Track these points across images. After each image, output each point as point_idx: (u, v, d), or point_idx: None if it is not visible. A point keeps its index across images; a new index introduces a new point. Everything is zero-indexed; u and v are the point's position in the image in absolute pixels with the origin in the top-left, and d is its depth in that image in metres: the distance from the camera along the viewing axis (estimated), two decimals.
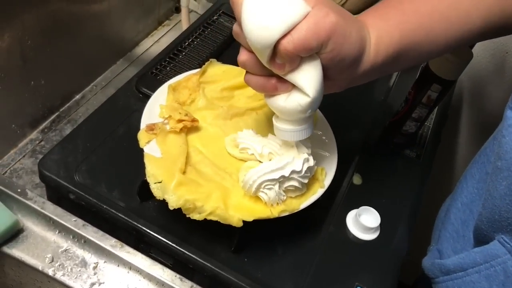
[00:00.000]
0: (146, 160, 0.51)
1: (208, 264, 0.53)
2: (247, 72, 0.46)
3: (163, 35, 1.04)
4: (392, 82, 0.83)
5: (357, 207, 0.61)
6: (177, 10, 1.05)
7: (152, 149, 0.53)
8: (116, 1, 0.88)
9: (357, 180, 0.66)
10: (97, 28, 0.87)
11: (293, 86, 0.44)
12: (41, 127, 0.82)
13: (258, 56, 0.42)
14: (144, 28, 1.01)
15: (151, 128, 0.54)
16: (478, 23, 0.48)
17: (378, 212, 0.60)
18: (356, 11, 0.75)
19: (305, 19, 0.39)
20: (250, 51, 0.43)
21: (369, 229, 0.59)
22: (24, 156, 0.78)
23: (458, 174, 1.14)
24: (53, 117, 0.84)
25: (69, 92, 0.87)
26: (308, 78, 0.42)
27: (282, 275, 0.54)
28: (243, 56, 0.44)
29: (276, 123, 0.49)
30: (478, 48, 0.96)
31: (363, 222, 0.59)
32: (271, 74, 0.44)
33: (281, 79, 0.44)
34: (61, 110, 0.85)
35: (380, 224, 0.60)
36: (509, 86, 0.97)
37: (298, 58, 0.41)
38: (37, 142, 0.80)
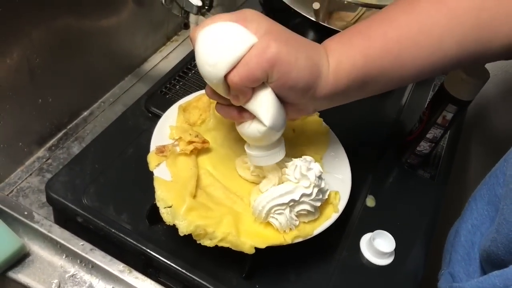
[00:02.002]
0: (156, 184, 0.50)
1: None
2: (216, 102, 0.49)
3: (171, 51, 1.03)
4: (404, 100, 0.81)
5: (371, 231, 0.59)
6: (186, 26, 1.04)
7: (162, 172, 0.52)
8: (125, 17, 0.87)
9: (370, 202, 0.64)
10: (105, 44, 0.86)
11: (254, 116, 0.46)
12: (48, 145, 0.81)
13: (215, 90, 0.45)
14: (153, 44, 1.01)
15: (161, 150, 0.53)
16: (453, 49, 0.46)
17: (393, 236, 0.59)
18: None
19: (249, 52, 0.42)
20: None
21: (384, 254, 0.58)
22: (30, 175, 0.77)
23: (468, 195, 1.12)
24: (60, 134, 0.83)
25: (76, 109, 0.86)
26: (263, 107, 0.45)
27: None
28: (207, 89, 0.48)
29: (247, 149, 0.51)
30: (492, 66, 0.94)
31: (378, 247, 0.57)
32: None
33: (243, 108, 0.46)
34: (68, 127, 0.84)
35: (395, 249, 0.58)
36: None
37: (249, 89, 0.44)
38: (44, 160, 0.79)
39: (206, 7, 0.94)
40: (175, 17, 1.01)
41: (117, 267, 0.52)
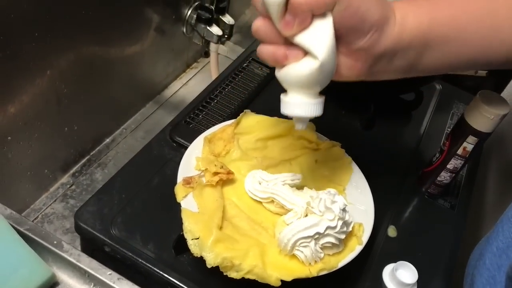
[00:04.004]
0: (183, 216, 0.51)
1: None
2: (260, 43, 0.44)
3: (191, 78, 1.05)
4: (422, 129, 0.82)
5: (393, 261, 0.59)
6: (206, 54, 1.07)
7: (189, 203, 0.53)
8: (147, 45, 0.90)
9: (392, 232, 0.65)
10: (128, 72, 0.89)
11: (303, 54, 0.42)
12: (72, 171, 0.83)
13: (270, 12, 0.41)
14: (173, 71, 1.03)
15: (188, 181, 0.54)
16: (506, 42, 0.46)
17: (415, 266, 0.59)
18: None
19: None
20: (265, 17, 0.42)
21: (406, 285, 0.58)
22: (55, 201, 0.79)
23: (487, 221, 1.12)
24: (83, 160, 0.85)
25: (99, 136, 0.88)
26: (318, 39, 0.40)
27: None
28: (257, 21, 0.43)
29: (284, 97, 0.48)
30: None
31: (401, 278, 0.57)
32: (281, 44, 0.43)
33: (291, 46, 0.42)
34: (91, 153, 0.86)
35: (418, 280, 0.58)
36: None
37: (309, 15, 0.40)
38: (68, 186, 0.81)
39: (226, 36, 0.97)
40: (195, 45, 1.04)
41: None
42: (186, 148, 0.60)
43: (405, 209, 0.68)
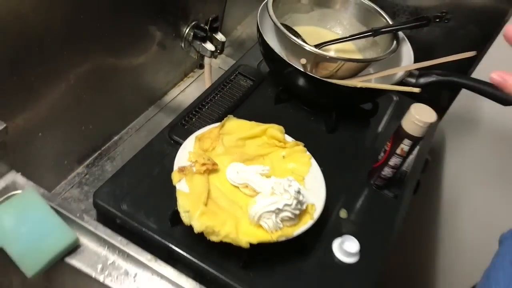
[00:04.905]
0: (177, 195, 0.67)
1: (222, 277, 0.68)
2: None
3: (188, 86, 1.21)
4: (377, 133, 0.99)
5: (341, 236, 0.76)
6: (201, 66, 1.23)
7: (182, 186, 0.69)
8: (150, 57, 1.04)
9: (343, 214, 0.81)
10: (134, 80, 1.03)
11: None
12: (86, 163, 0.98)
13: None
14: (173, 79, 1.18)
15: (182, 170, 0.71)
16: None
17: (359, 241, 0.75)
18: (348, 76, 0.91)
19: None
20: None
21: (350, 254, 0.74)
22: (72, 187, 0.94)
23: (440, 216, 1.29)
24: (95, 154, 1.00)
25: (109, 134, 1.03)
26: None
27: (279, 287, 0.69)
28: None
29: None
30: (458, 99, 1.12)
31: (345, 248, 0.74)
32: None
33: None
34: (102, 149, 1.02)
35: (360, 250, 0.75)
36: (484, 135, 1.13)
37: None
38: (83, 175, 0.97)
39: (218, 51, 1.13)
40: (192, 58, 1.19)
41: (146, 257, 0.67)
42: (181, 145, 0.76)
43: (356, 196, 0.85)
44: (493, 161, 1.12)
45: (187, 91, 1.20)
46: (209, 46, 1.09)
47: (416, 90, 0.83)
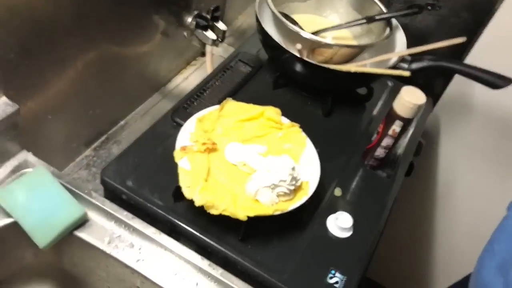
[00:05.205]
0: (179, 171, 0.72)
1: (221, 249, 0.73)
2: None
3: (191, 74, 1.24)
4: (372, 117, 1.03)
5: (336, 213, 0.80)
6: (203, 54, 1.26)
7: (184, 164, 0.73)
8: (155, 46, 1.07)
9: (337, 192, 0.85)
10: (138, 67, 1.06)
11: None
12: (93, 146, 1.02)
13: None
14: (176, 67, 1.21)
15: (183, 148, 0.75)
16: None
17: (352, 217, 0.80)
18: (344, 62, 0.95)
19: None
20: None
21: (343, 229, 0.78)
22: (80, 169, 0.98)
23: (435, 198, 1.33)
24: (102, 138, 1.04)
25: (115, 119, 1.07)
26: None
27: (275, 259, 0.74)
28: None
29: None
30: (452, 85, 1.16)
31: (339, 223, 0.78)
32: None
33: None
34: (109, 133, 1.05)
35: (353, 226, 0.79)
36: (477, 119, 1.16)
37: None
38: (90, 157, 1.00)
39: (220, 40, 1.16)
40: (194, 46, 1.23)
41: (150, 231, 0.71)
42: (183, 126, 0.80)
43: (350, 176, 0.89)
44: (486, 143, 1.16)
45: (190, 79, 1.23)
46: (211, 35, 1.12)
47: (406, 73, 0.87)
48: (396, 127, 0.83)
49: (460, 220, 1.35)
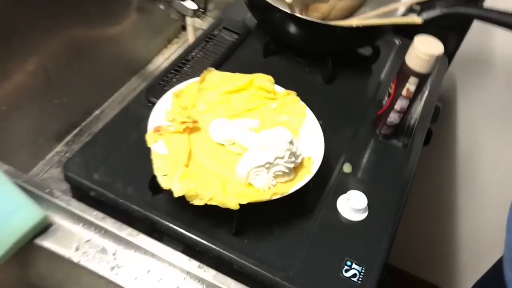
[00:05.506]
0: (153, 157, 0.59)
1: (213, 246, 0.60)
2: None
3: (173, 53, 1.12)
4: (380, 80, 0.89)
5: (347, 193, 0.67)
6: (184, 28, 1.14)
7: (159, 148, 0.61)
8: (128, 24, 0.97)
9: (347, 168, 0.72)
10: (112, 50, 0.96)
11: None
12: (65, 141, 0.91)
13: None
14: (155, 47, 1.10)
15: (157, 130, 0.62)
16: None
17: (366, 196, 0.67)
18: (342, 18, 0.82)
19: None
20: None
21: (357, 210, 0.66)
22: (51, 167, 0.87)
23: (455, 163, 1.20)
24: (76, 131, 0.93)
25: (89, 108, 0.96)
26: None
27: (278, 253, 0.61)
28: None
29: None
30: (468, 40, 1.02)
31: (351, 204, 0.65)
32: None
33: None
34: (82, 124, 0.94)
35: (368, 206, 0.66)
36: (498, 77, 1.03)
37: None
38: (63, 153, 0.89)
39: (201, 10, 1.04)
40: (174, 21, 1.10)
41: (126, 231, 0.61)
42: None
43: (361, 149, 0.76)
44: (510, 104, 1.03)
45: (172, 58, 1.10)
46: (190, 4, 1.00)
47: (418, 20, 0.74)
48: (411, 85, 0.70)
49: (485, 191, 1.22)
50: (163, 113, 0.66)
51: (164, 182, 0.57)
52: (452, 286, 1.50)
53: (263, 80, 0.71)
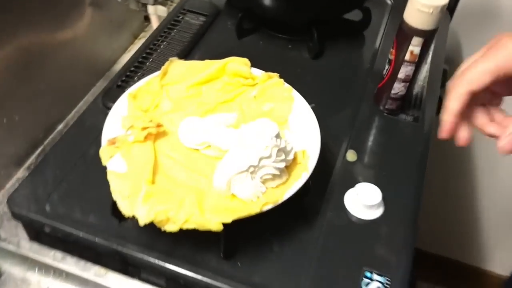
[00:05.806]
0: (109, 178, 0.48)
1: (199, 277, 0.49)
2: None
3: None
4: (376, 48, 0.77)
5: (355, 186, 0.56)
6: (146, 19, 1.02)
7: (117, 164, 0.49)
8: (84, 23, 0.85)
9: (351, 157, 0.60)
10: (68, 54, 0.84)
11: None
12: (26, 164, 0.79)
13: None
14: (119, 45, 0.98)
15: (112, 142, 0.51)
16: None
17: (379, 187, 0.55)
18: None
19: None
20: None
21: (371, 207, 0.54)
22: None
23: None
24: (37, 151, 0.81)
25: (50, 123, 0.84)
26: None
27: (281, 275, 0.50)
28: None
29: None
30: None
31: (363, 201, 0.54)
32: None
33: None
34: (45, 143, 0.82)
35: (383, 199, 0.54)
36: (503, 27, 0.92)
37: None
38: None
39: None
40: (135, 13, 0.98)
41: (92, 271, 0.50)
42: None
43: (364, 131, 0.64)
44: None
45: None
46: None
47: None
48: (414, 47, 0.58)
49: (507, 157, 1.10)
50: (119, 120, 0.54)
51: (125, 208, 0.45)
52: (476, 261, 1.39)
53: (238, 64, 0.59)
